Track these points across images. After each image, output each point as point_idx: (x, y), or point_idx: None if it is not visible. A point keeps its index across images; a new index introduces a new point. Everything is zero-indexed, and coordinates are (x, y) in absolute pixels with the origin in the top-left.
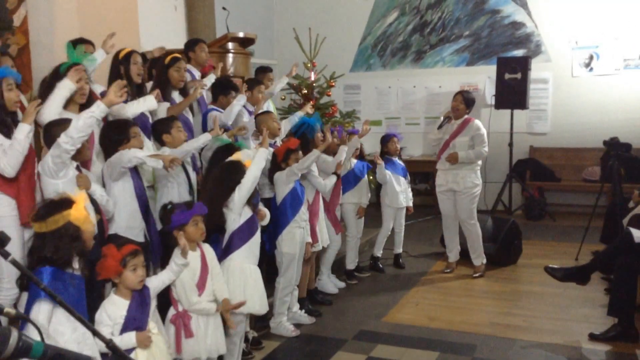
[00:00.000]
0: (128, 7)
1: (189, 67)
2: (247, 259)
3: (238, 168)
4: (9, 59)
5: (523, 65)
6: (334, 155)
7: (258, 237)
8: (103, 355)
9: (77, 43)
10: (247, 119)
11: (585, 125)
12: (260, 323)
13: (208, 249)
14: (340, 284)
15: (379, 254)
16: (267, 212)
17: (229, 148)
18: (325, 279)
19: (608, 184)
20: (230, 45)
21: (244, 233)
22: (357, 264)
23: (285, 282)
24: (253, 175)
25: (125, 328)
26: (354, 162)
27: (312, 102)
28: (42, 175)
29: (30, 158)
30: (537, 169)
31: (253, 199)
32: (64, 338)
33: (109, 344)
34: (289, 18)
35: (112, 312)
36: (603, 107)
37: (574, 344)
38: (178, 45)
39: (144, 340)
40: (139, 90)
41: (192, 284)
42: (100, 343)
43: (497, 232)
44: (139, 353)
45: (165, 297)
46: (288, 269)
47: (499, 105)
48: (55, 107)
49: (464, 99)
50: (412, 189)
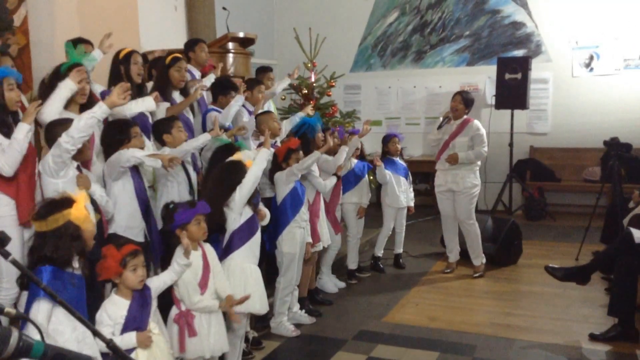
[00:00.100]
0: (128, 7)
1: (189, 67)
2: (247, 259)
3: (239, 168)
4: (9, 59)
5: (523, 66)
6: (335, 156)
7: (258, 237)
8: (104, 355)
9: (76, 43)
10: (247, 119)
11: (586, 126)
12: (261, 323)
13: (209, 248)
14: (341, 284)
15: (380, 254)
16: (267, 212)
17: (229, 148)
18: (326, 279)
19: (608, 184)
20: (231, 45)
21: (244, 233)
22: (358, 264)
23: (286, 282)
24: (254, 175)
25: (126, 328)
26: (354, 162)
27: (312, 102)
28: (42, 175)
29: (31, 158)
30: (537, 169)
31: (253, 199)
32: (64, 337)
33: (110, 344)
34: (289, 18)
35: (112, 312)
36: (603, 107)
37: (574, 344)
38: (178, 45)
39: (145, 341)
40: (139, 91)
41: (194, 284)
42: (101, 343)
43: (497, 232)
44: (140, 353)
45: (166, 297)
46: (288, 269)
47: (499, 106)
48: (56, 106)
49: (463, 99)
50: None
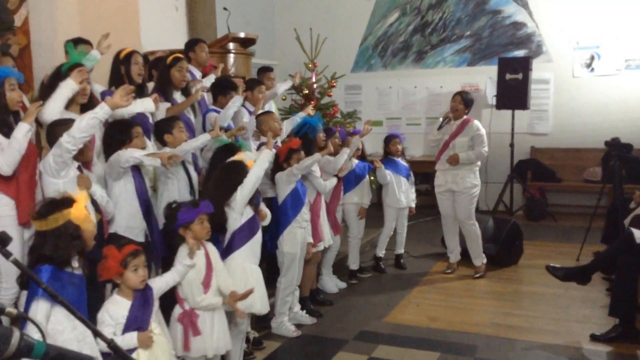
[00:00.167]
0: (129, 7)
1: (190, 67)
2: (248, 259)
3: (240, 168)
4: (10, 59)
5: (524, 66)
6: (336, 157)
7: (259, 237)
8: (105, 355)
9: (76, 43)
10: (247, 119)
11: (587, 126)
12: (262, 323)
13: (211, 247)
14: (342, 284)
15: (382, 254)
16: (268, 212)
17: (230, 148)
18: (327, 279)
19: (609, 185)
20: (231, 46)
21: (245, 233)
22: (359, 265)
23: (287, 282)
24: (255, 176)
25: (127, 328)
26: (355, 162)
27: (313, 102)
28: (43, 175)
29: (32, 158)
30: (538, 170)
31: (254, 199)
32: (63, 337)
33: (111, 344)
34: (290, 18)
35: (114, 312)
36: (604, 107)
37: (575, 345)
38: (179, 46)
39: (146, 341)
40: (140, 91)
41: (198, 283)
42: (102, 343)
43: (498, 232)
44: (141, 353)
45: (167, 297)
46: (289, 269)
47: (500, 106)
48: (58, 106)
49: (463, 100)
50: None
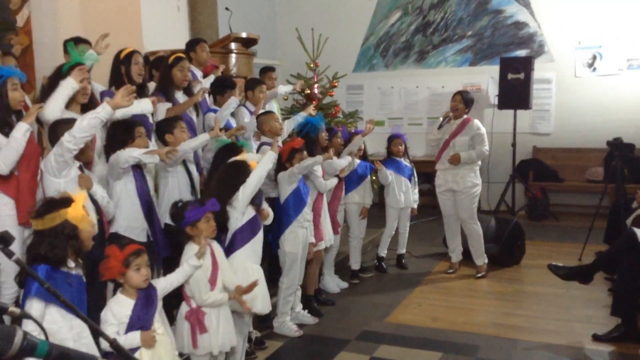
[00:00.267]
0: (131, 8)
1: (191, 67)
2: (249, 258)
3: (243, 167)
4: (13, 59)
5: (526, 66)
6: (338, 156)
7: (261, 236)
8: (107, 354)
9: (76, 42)
10: (248, 119)
11: (589, 126)
12: (263, 323)
13: (216, 245)
14: (343, 284)
15: (383, 254)
16: (270, 211)
17: (232, 148)
18: (328, 279)
19: (611, 185)
20: (233, 46)
21: (247, 232)
22: (360, 264)
23: (289, 282)
24: (258, 176)
25: (130, 327)
26: (357, 162)
27: (314, 102)
28: (44, 174)
29: (34, 158)
30: (540, 169)
31: (256, 199)
32: (59, 337)
33: (113, 343)
34: (292, 18)
35: (117, 311)
36: (606, 107)
37: (577, 345)
38: (181, 46)
39: (149, 340)
40: (140, 91)
41: (205, 281)
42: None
43: (500, 232)
44: (144, 353)
45: (171, 297)
46: (291, 269)
47: (502, 106)
48: (58, 104)
49: (463, 99)
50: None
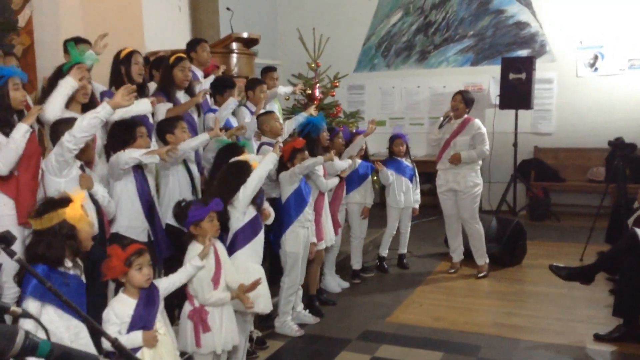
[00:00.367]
0: (132, 8)
1: (192, 67)
2: (250, 258)
3: (245, 168)
4: (14, 59)
5: (527, 65)
6: (340, 157)
7: (262, 236)
8: (109, 354)
9: (76, 42)
10: (248, 119)
11: (590, 126)
12: (265, 323)
13: (219, 244)
14: (344, 284)
15: (385, 254)
16: (271, 211)
17: (233, 148)
18: (329, 279)
19: (613, 185)
20: (234, 46)
21: (248, 232)
22: (362, 264)
23: (290, 281)
24: (258, 176)
25: (132, 327)
26: (358, 162)
27: (316, 102)
28: (45, 173)
29: (35, 158)
30: (541, 169)
31: (257, 199)
32: (56, 337)
33: (115, 343)
34: (293, 18)
35: (119, 310)
36: (608, 107)
37: (579, 345)
38: (182, 46)
39: (150, 340)
40: (140, 91)
41: (208, 280)
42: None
43: (501, 232)
44: (145, 352)
45: (172, 296)
46: (292, 269)
47: (504, 106)
48: (58, 103)
49: (464, 99)
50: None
